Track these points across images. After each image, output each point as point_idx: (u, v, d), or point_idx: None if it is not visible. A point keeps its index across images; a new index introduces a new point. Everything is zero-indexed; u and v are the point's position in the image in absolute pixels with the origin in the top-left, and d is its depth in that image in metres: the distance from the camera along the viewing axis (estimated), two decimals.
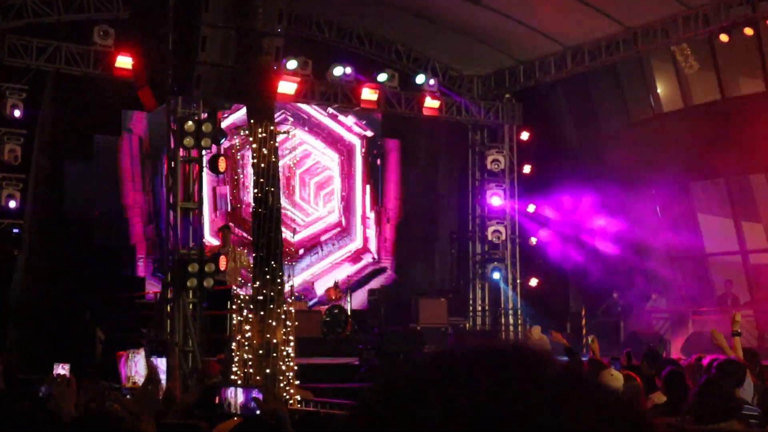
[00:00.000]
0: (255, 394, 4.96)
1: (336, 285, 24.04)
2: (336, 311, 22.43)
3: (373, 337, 20.39)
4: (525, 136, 25.00)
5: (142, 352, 6.36)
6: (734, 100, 21.76)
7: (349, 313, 22.90)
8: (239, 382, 14.05)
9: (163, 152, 18.93)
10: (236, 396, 4.93)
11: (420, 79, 23.78)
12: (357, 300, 24.50)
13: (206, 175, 17.99)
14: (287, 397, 13.10)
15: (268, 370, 14.28)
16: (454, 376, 0.92)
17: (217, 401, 4.88)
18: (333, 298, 23.40)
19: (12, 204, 19.43)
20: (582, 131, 24.79)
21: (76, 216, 21.67)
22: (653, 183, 23.54)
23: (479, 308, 25.11)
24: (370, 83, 23.16)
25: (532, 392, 0.89)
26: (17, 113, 19.44)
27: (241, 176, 23.72)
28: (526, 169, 24.99)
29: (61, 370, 9.02)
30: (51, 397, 5.59)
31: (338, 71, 22.77)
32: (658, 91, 23.68)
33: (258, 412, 4.81)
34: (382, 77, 23.32)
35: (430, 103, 23.85)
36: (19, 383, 6.33)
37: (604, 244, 23.78)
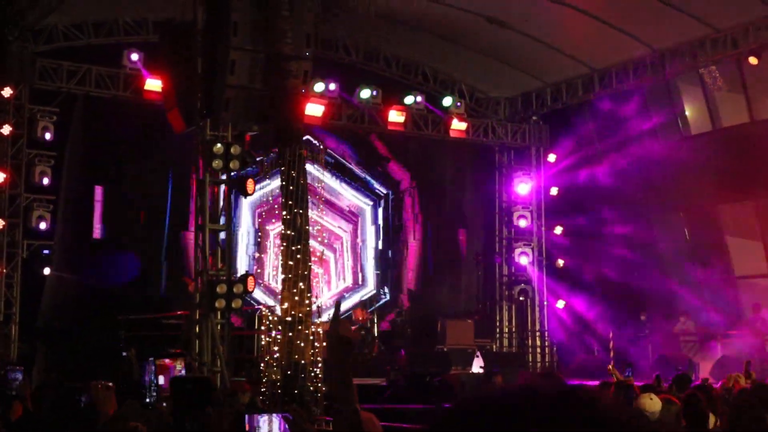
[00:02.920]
0: (286, 416, 4.98)
1: (363, 306, 24.07)
2: (363, 332, 22.45)
3: (399, 359, 20.37)
4: (552, 158, 24.96)
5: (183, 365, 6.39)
6: (763, 123, 21.66)
7: (375, 334, 22.91)
8: (267, 402, 14.09)
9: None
10: (266, 423, 4.93)
11: (447, 101, 23.80)
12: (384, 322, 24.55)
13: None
14: (316, 417, 13.11)
15: (296, 391, 14.30)
16: (524, 418, 0.96)
17: (246, 427, 4.89)
18: (360, 319, 23.41)
19: (42, 225, 19.58)
20: (609, 153, 24.71)
21: (105, 237, 21.83)
22: (681, 206, 23.45)
23: (506, 330, 25.02)
24: (397, 105, 23.21)
25: None
26: (48, 136, 19.64)
27: None
28: (554, 191, 24.93)
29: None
30: (91, 405, 5.70)
31: (365, 94, 22.83)
32: (687, 114, 23.62)
33: None
34: (409, 100, 23.37)
35: (457, 125, 23.86)
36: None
37: (632, 266, 23.65)
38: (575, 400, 0.96)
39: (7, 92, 19.07)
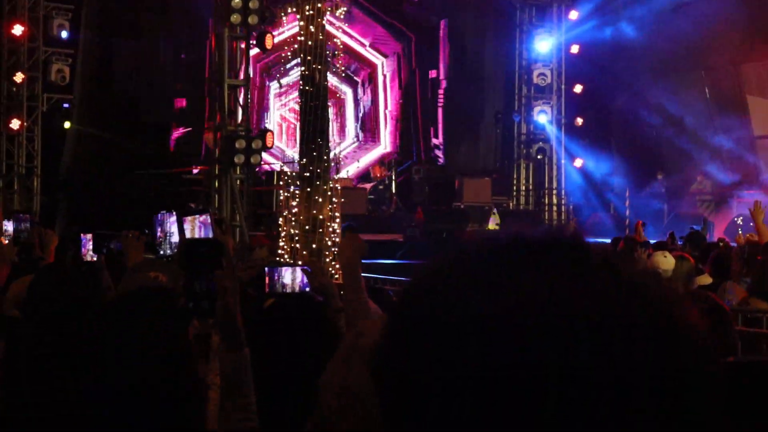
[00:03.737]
0: (304, 268, 5.08)
1: (382, 162, 24.19)
2: (381, 188, 22.62)
3: (417, 215, 20.57)
4: (574, 15, 24.57)
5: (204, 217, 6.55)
6: None
7: (393, 190, 23.08)
8: (286, 256, 14.35)
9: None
10: (288, 275, 5.04)
11: None
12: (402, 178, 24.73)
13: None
14: (333, 272, 13.36)
15: (314, 245, 14.54)
16: (500, 264, 0.95)
17: (267, 281, 4.99)
18: (378, 175, 23.56)
19: (62, 79, 19.57)
20: (632, 11, 24.30)
21: (125, 91, 21.86)
22: (702, 65, 23.22)
23: (523, 188, 25.13)
24: None
25: (573, 279, 0.92)
26: None
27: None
28: (574, 48, 24.63)
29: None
30: (123, 252, 5.86)
31: None
32: None
33: (308, 288, 4.94)
34: None
35: None
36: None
37: (650, 124, 23.59)
38: (569, 244, 0.97)
39: None
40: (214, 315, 3.78)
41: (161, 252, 5.11)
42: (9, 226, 7.68)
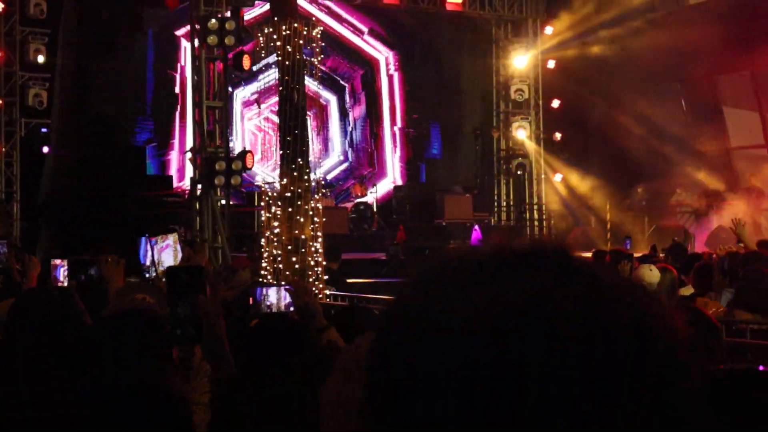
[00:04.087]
0: (287, 287, 5.09)
1: (362, 181, 24.21)
2: (362, 207, 22.63)
3: (398, 233, 20.59)
4: (549, 30, 24.68)
5: (170, 240, 6.47)
6: None
7: (375, 209, 23.10)
8: (269, 277, 14.32)
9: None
10: (272, 294, 5.05)
11: None
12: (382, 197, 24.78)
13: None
14: (317, 292, 13.33)
15: (297, 266, 14.52)
16: (482, 272, 0.96)
17: (251, 301, 5.00)
18: (359, 194, 23.57)
19: (39, 103, 19.51)
20: (606, 24, 24.43)
21: (103, 114, 21.83)
22: (678, 77, 23.36)
23: (504, 204, 25.18)
24: None
25: (555, 284, 0.94)
26: (41, 12, 19.40)
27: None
28: (551, 64, 24.73)
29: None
30: (101, 278, 5.84)
31: None
32: None
33: (291, 308, 4.94)
34: None
35: None
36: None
37: (628, 138, 23.68)
38: (551, 253, 0.98)
39: None
40: (199, 341, 3.77)
41: (147, 275, 5.11)
42: None
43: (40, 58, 19.48)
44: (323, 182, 23.02)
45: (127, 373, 2.74)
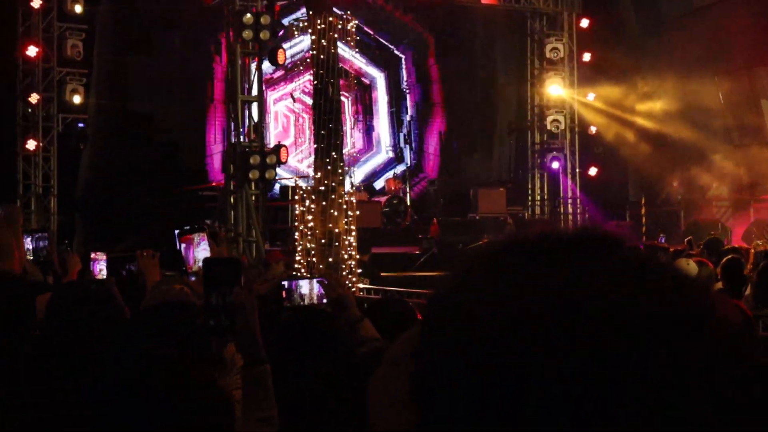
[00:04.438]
0: (320, 280, 5.10)
1: (395, 176, 24.20)
2: (395, 201, 22.62)
3: (432, 227, 20.55)
4: (585, 23, 24.54)
5: (205, 238, 6.54)
6: None
7: (408, 203, 23.08)
8: (302, 271, 14.36)
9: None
10: (305, 287, 5.06)
11: None
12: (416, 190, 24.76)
13: None
14: (350, 285, 13.36)
15: (330, 259, 14.55)
16: (529, 261, 0.94)
17: (284, 294, 5.01)
18: (393, 188, 23.56)
19: (76, 99, 19.67)
20: (643, 17, 24.30)
21: (140, 110, 22.02)
22: (716, 69, 23.15)
23: (538, 198, 25.10)
24: None
25: (606, 271, 0.92)
26: (78, 8, 19.54)
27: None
28: (586, 57, 24.62)
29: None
30: (138, 273, 5.89)
31: None
32: None
33: (324, 300, 4.95)
34: None
35: None
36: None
37: (664, 131, 23.51)
38: (599, 240, 0.96)
39: None
40: (233, 332, 3.80)
41: (184, 269, 5.15)
42: (28, 245, 7.70)
43: (78, 54, 19.61)
44: (362, 184, 23.06)
45: (167, 366, 2.75)
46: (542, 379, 0.87)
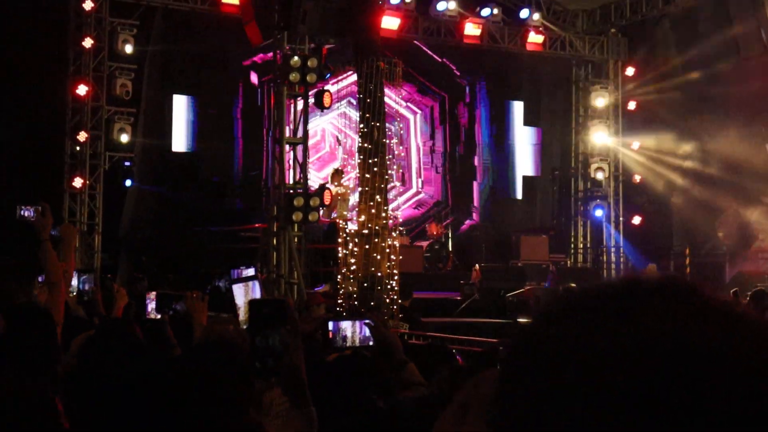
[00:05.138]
0: (366, 322, 5.07)
1: (437, 220, 24.18)
2: (437, 247, 22.60)
3: (473, 273, 20.48)
4: (630, 71, 24.55)
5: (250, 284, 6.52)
6: None
7: (450, 248, 23.05)
8: (344, 314, 14.34)
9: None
10: (349, 328, 5.04)
11: (524, 13, 23.45)
12: (458, 236, 24.71)
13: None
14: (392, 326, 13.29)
15: (372, 303, 14.52)
16: (615, 306, 0.94)
17: (330, 335, 5.00)
18: (434, 234, 23.54)
19: (123, 138, 19.88)
20: (689, 67, 24.22)
21: (185, 149, 22.25)
22: (763, 119, 22.97)
23: (581, 246, 24.97)
24: (473, 18, 22.95)
25: (694, 321, 0.91)
26: (128, 49, 19.82)
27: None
28: (631, 105, 24.58)
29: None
30: (186, 314, 5.90)
31: (442, 6, 22.61)
32: None
33: (371, 343, 4.91)
34: (486, 12, 23.06)
35: (534, 38, 23.55)
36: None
37: (709, 183, 23.34)
38: (683, 288, 0.95)
39: (88, 5, 19.26)
40: (278, 373, 3.78)
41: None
42: (74, 282, 7.75)
43: (126, 93, 19.85)
44: (399, 223, 22.98)
45: (215, 407, 2.74)
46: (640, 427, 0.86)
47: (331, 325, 5.13)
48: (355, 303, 14.65)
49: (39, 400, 2.81)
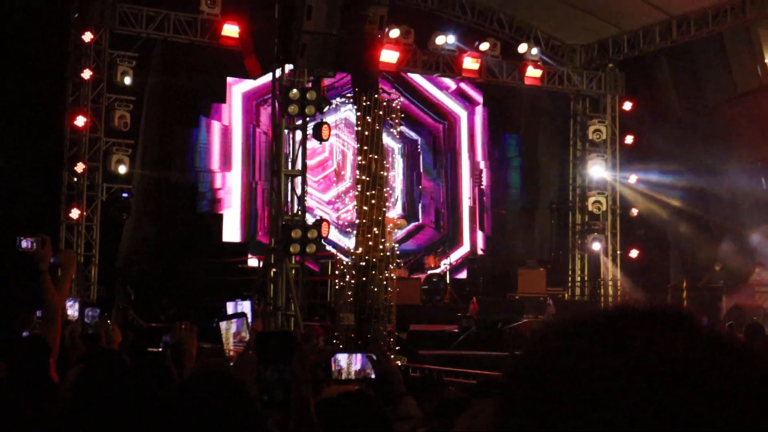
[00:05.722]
0: (369, 354, 5.06)
1: (435, 253, 24.17)
2: (435, 279, 22.58)
3: (471, 306, 20.45)
4: (628, 106, 24.65)
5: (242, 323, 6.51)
6: None
7: (447, 281, 23.02)
8: (341, 346, 14.30)
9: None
10: (345, 361, 5.03)
11: (522, 48, 23.56)
12: (456, 269, 24.69)
13: None
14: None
15: (369, 335, 14.49)
16: (608, 332, 0.95)
17: (333, 367, 4.99)
18: (432, 266, 23.53)
19: (121, 169, 19.89)
20: (686, 102, 24.34)
21: (183, 181, 22.26)
22: (759, 154, 23.06)
23: (578, 279, 24.97)
24: (472, 52, 23.06)
25: (685, 348, 0.92)
26: (127, 80, 19.88)
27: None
28: (628, 139, 24.67)
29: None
30: (176, 345, 5.87)
31: (440, 40, 22.71)
32: (766, 61, 23.12)
33: (373, 375, 4.90)
34: (484, 46, 23.17)
35: (532, 72, 23.65)
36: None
37: (708, 215, 23.39)
38: (674, 315, 0.96)
39: (87, 37, 19.35)
40: (287, 407, 3.76)
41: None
42: (71, 310, 7.74)
43: (124, 125, 19.88)
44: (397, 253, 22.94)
45: None
46: None
47: (332, 357, 5.12)
48: (352, 335, 14.61)
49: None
